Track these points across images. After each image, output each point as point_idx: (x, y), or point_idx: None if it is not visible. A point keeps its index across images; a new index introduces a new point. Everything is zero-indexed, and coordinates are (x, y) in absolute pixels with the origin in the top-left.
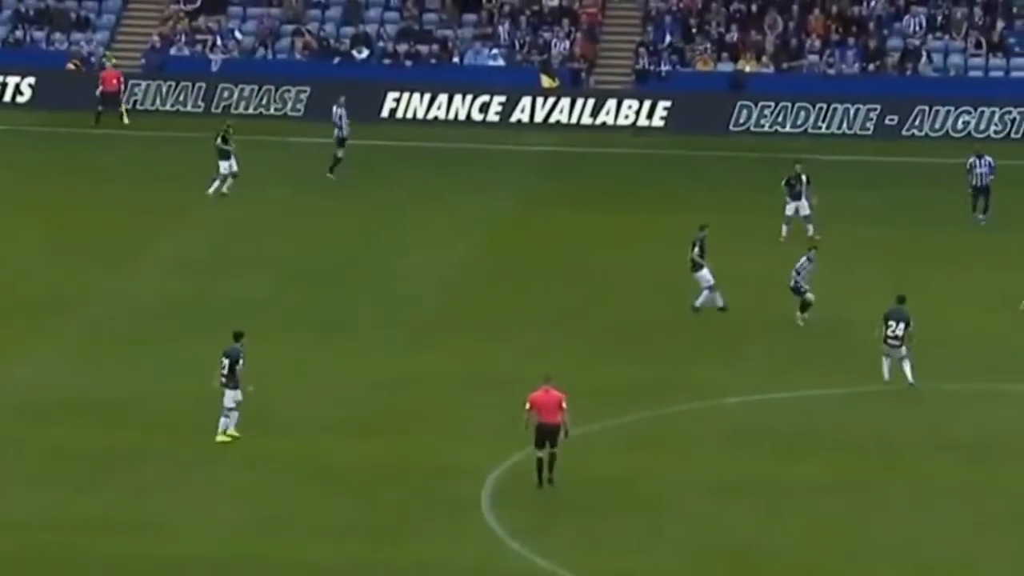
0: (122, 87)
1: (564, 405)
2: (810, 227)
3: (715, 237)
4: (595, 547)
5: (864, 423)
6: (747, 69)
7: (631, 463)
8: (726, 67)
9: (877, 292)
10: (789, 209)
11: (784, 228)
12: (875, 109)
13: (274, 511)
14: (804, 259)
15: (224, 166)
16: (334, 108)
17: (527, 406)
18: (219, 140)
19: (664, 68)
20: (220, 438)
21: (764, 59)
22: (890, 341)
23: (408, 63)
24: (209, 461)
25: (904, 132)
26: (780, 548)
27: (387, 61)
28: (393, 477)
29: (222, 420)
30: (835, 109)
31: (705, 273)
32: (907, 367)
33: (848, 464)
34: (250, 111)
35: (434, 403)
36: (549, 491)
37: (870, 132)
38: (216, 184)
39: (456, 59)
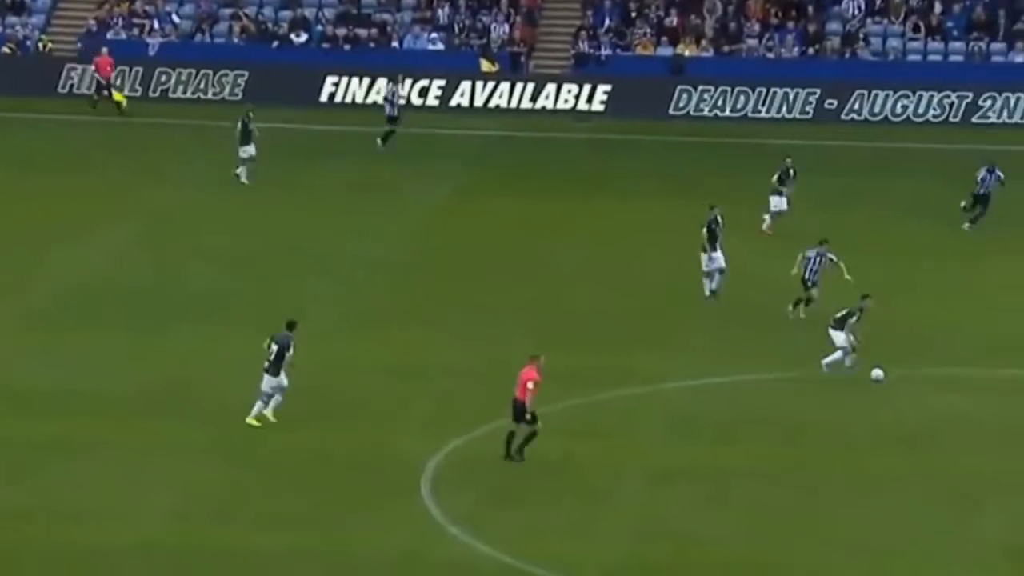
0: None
1: (530, 385)
2: (767, 218)
3: (658, 224)
4: (536, 533)
5: (805, 409)
6: (687, 53)
7: (571, 449)
8: (666, 51)
9: (830, 277)
10: (773, 201)
11: (767, 220)
12: (814, 93)
13: (213, 499)
14: (813, 252)
15: (244, 151)
16: (387, 84)
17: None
18: (240, 125)
19: (604, 52)
20: (250, 420)
21: (704, 43)
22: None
23: (347, 47)
24: (148, 450)
25: (843, 116)
26: (721, 534)
27: (326, 45)
28: (333, 465)
29: (257, 404)
30: (775, 93)
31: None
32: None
33: (789, 450)
34: (188, 95)
35: (373, 390)
36: (488, 477)
37: (810, 116)
38: (241, 168)
39: (395, 43)
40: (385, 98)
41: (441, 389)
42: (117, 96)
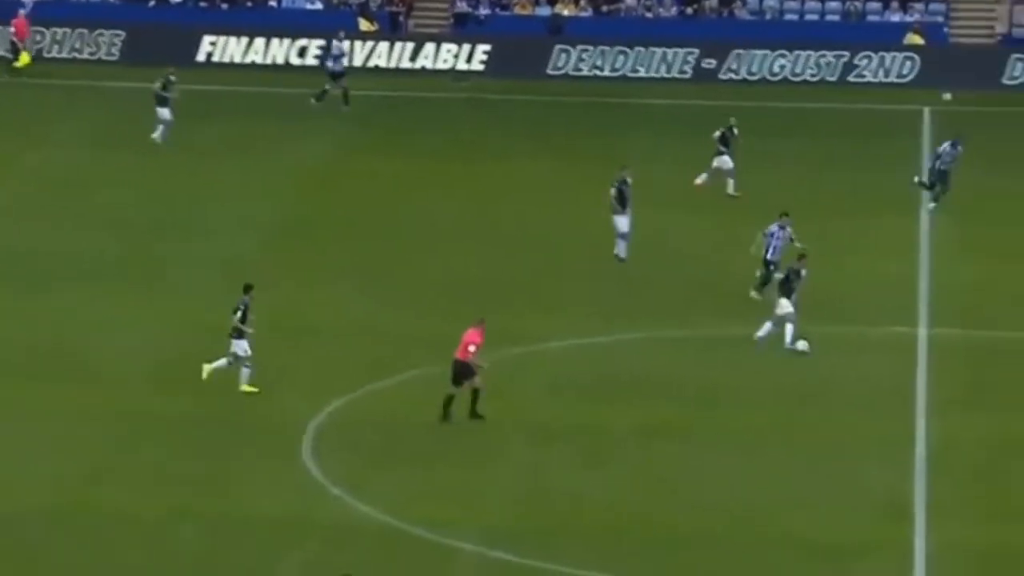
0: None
1: (471, 348)
2: (731, 182)
3: (538, 183)
4: (417, 494)
5: (686, 368)
6: (565, 12)
7: (453, 410)
8: (544, 11)
9: (705, 235)
10: (716, 162)
11: (704, 176)
12: (693, 53)
13: (93, 462)
14: (775, 226)
15: (162, 113)
16: (334, 42)
17: None
18: (158, 87)
19: (483, 12)
20: (243, 388)
21: (582, 2)
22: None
23: (224, 6)
24: (27, 413)
25: (722, 76)
26: (604, 493)
27: (203, 4)
28: (214, 426)
29: (243, 371)
30: (653, 53)
31: (621, 220)
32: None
33: (670, 409)
34: (63, 55)
35: (253, 352)
36: (370, 438)
37: (688, 76)
38: (160, 129)
39: (273, 2)
40: (329, 54)
41: (322, 351)
42: (24, 58)
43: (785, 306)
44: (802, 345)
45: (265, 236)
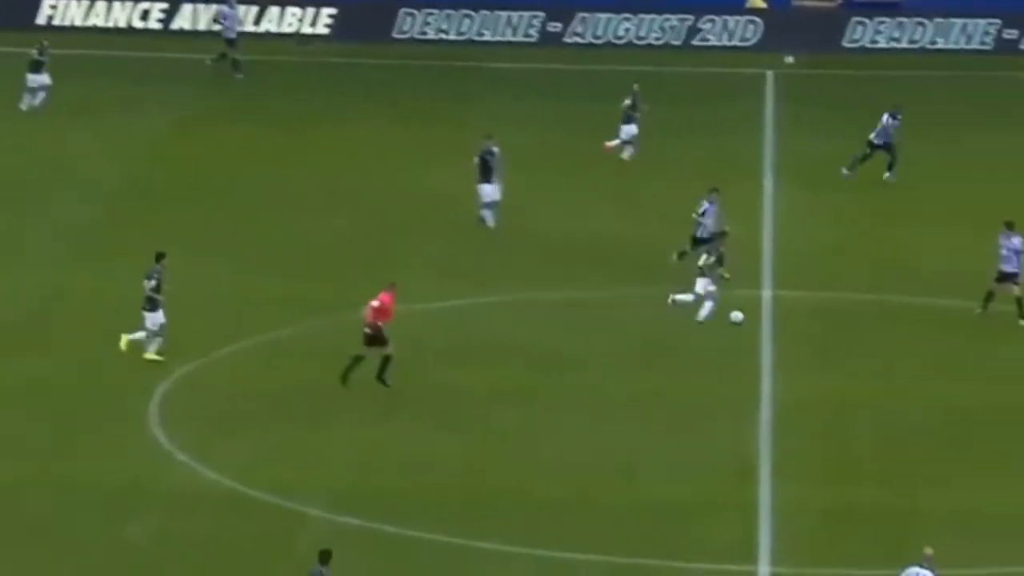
0: None
1: (374, 304)
2: (630, 149)
3: (390, 149)
4: (263, 460)
5: (538, 332)
6: None
7: (301, 375)
8: None
9: (556, 199)
10: (624, 130)
11: (625, 148)
12: (538, 16)
13: None
14: (706, 203)
15: (32, 80)
16: (224, 8)
17: None
18: (35, 53)
19: None
20: (148, 355)
21: None
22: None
23: None
24: None
25: (567, 39)
26: (455, 457)
27: None
28: (59, 393)
29: (154, 341)
30: (499, 16)
31: (486, 188)
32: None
33: (522, 373)
34: None
35: (96, 318)
36: (217, 404)
37: (534, 39)
38: (27, 97)
39: None
40: (214, 19)
41: (169, 316)
42: None
43: (706, 284)
44: (681, 298)
45: (111, 202)
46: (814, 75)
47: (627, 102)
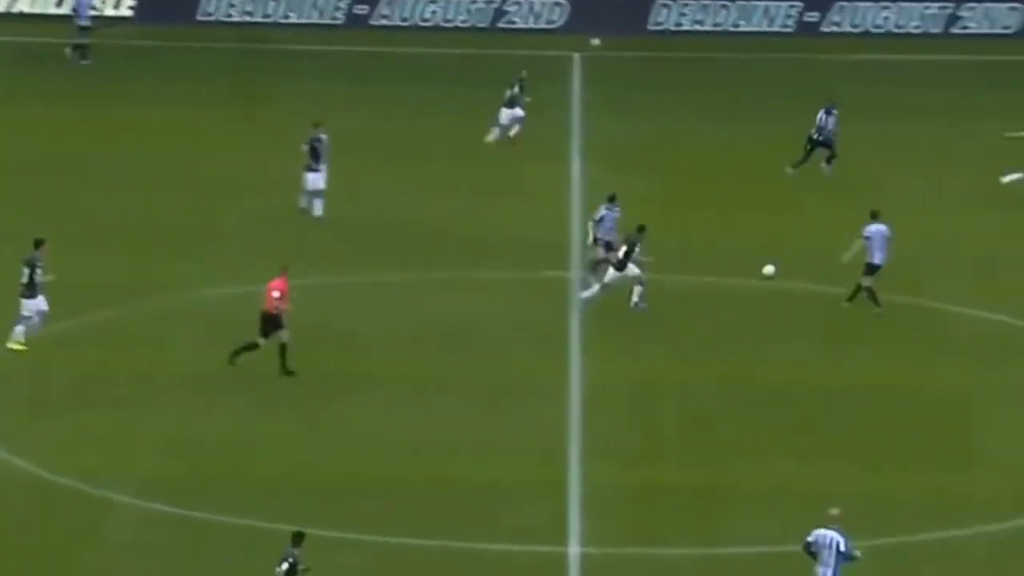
0: None
1: (275, 294)
2: (517, 127)
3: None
4: (71, 446)
5: (351, 314)
6: None
7: (108, 359)
8: None
9: (360, 183)
10: (505, 116)
11: (496, 131)
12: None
13: None
14: (603, 210)
15: None
16: None
17: None
18: None
19: None
20: (12, 345)
21: None
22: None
23: None
24: None
25: (373, 22)
26: (264, 442)
27: None
28: None
29: (18, 328)
30: (303, 1)
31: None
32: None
33: (335, 355)
34: None
35: None
36: (22, 389)
37: (341, 22)
38: None
39: None
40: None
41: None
42: None
43: (632, 269)
44: (588, 293)
45: None
46: (620, 57)
47: (515, 90)
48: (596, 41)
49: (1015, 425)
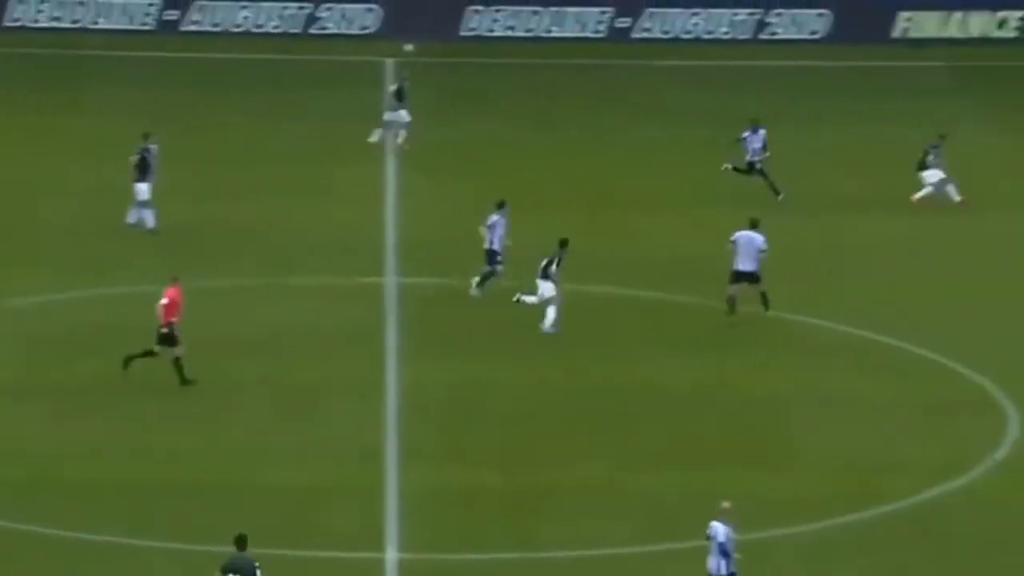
0: None
1: (162, 301)
2: (404, 133)
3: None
4: None
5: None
6: None
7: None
8: None
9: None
10: (389, 115)
11: (378, 132)
12: (155, 4)
13: None
14: (496, 216)
15: None
16: None
17: None
18: None
19: None
20: None
21: None
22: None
23: None
24: None
25: (184, 27)
26: (80, 448)
27: None
28: None
29: None
30: (112, 5)
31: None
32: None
33: (141, 361)
34: None
35: None
36: None
37: (151, 27)
38: None
39: None
40: None
41: None
42: None
43: (548, 289)
44: (529, 299)
45: None
46: (433, 63)
47: (393, 87)
48: (410, 47)
49: (832, 428)
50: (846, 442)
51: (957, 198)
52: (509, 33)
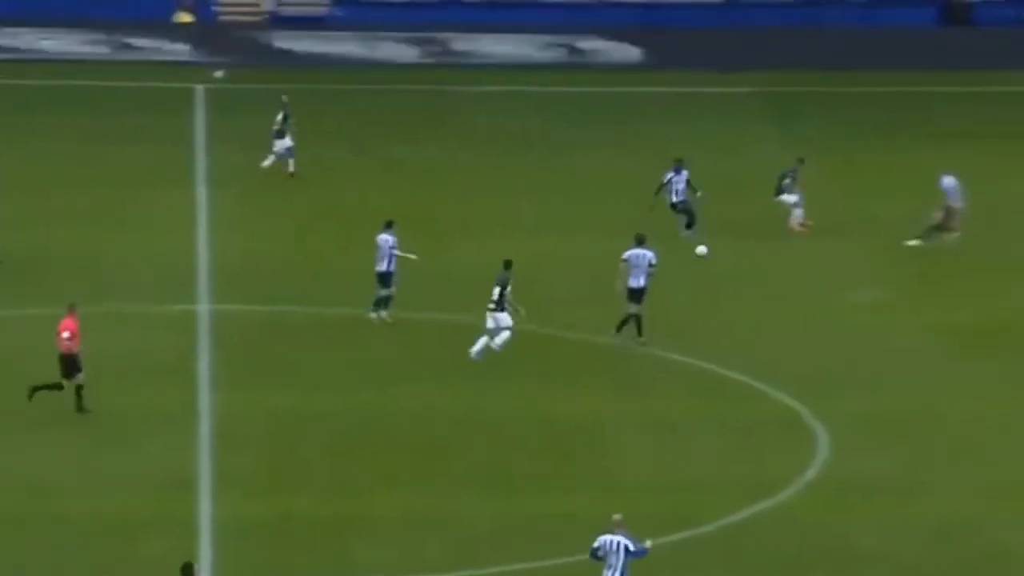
0: None
1: (64, 335)
2: (291, 162)
3: None
4: None
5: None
6: None
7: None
8: None
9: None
10: (279, 146)
11: (272, 159)
12: None
13: None
14: (387, 235)
15: None
16: None
17: None
18: None
19: None
20: None
21: None
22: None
23: None
24: None
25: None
26: None
27: None
28: None
29: None
30: None
31: None
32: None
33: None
34: None
35: None
36: None
37: None
38: None
39: None
40: None
41: None
42: None
43: (504, 319)
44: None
45: None
46: (242, 89)
47: (279, 116)
48: (219, 73)
49: (647, 451)
50: (660, 464)
51: (799, 225)
52: (318, 60)
